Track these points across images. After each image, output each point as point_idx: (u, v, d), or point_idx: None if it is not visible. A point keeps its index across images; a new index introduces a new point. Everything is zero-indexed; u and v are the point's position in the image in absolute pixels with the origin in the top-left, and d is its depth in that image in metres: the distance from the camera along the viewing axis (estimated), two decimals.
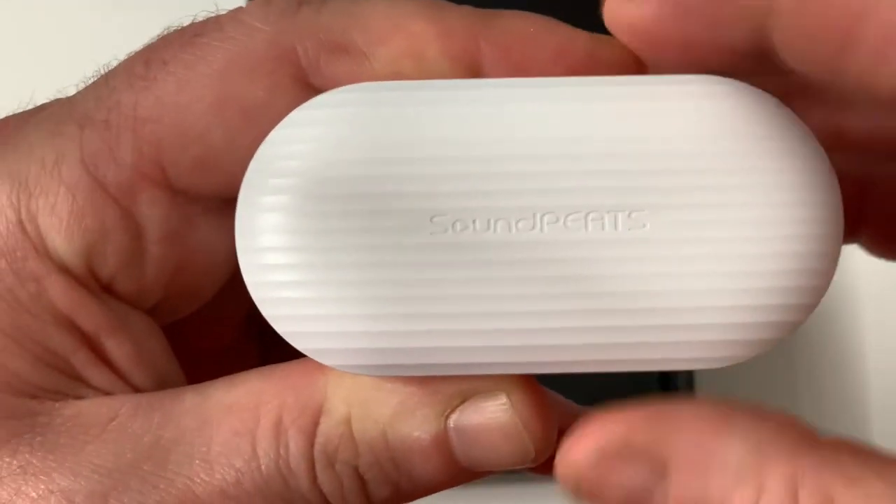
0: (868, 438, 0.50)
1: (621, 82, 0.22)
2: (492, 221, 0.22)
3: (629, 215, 0.22)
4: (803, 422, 0.22)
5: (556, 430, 0.24)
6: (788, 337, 0.23)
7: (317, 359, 0.23)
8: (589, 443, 0.22)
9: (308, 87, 0.24)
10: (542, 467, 0.31)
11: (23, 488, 0.23)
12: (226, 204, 0.25)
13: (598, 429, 0.22)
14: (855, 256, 0.30)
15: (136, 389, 0.25)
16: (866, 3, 0.20)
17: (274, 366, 0.25)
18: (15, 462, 0.24)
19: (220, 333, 0.29)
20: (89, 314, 0.24)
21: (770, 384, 0.46)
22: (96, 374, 0.25)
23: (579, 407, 0.27)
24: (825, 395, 0.21)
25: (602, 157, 0.22)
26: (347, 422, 0.24)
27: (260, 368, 0.25)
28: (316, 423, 0.24)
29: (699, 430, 0.22)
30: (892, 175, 0.29)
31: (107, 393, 0.25)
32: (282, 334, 0.23)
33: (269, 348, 0.29)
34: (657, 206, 0.22)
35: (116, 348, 0.25)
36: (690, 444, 0.22)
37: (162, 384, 0.26)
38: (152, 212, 0.25)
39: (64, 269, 0.24)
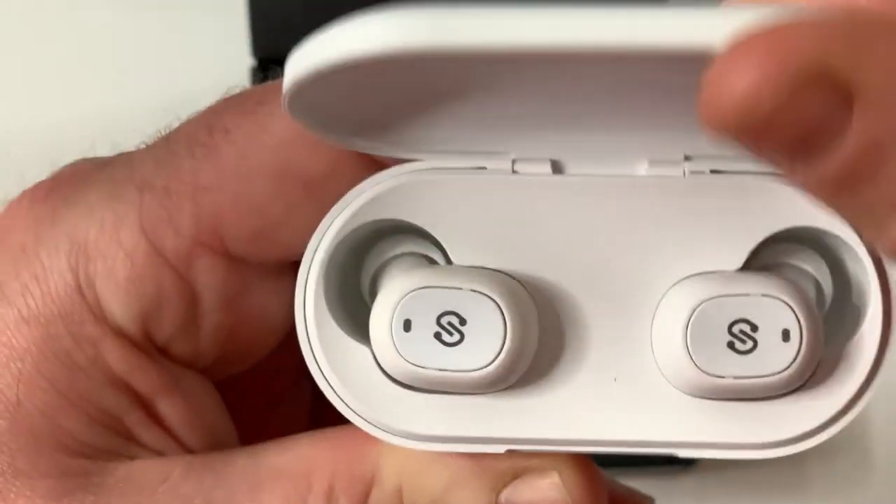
0: (868, 435, 0.49)
1: None
2: None
3: None
4: None
5: None
6: None
7: None
8: (770, 63, 0.16)
9: (371, 161, 0.24)
10: None
11: None
12: (283, 267, 0.25)
13: (777, 45, 0.16)
14: None
15: (189, 450, 0.25)
16: None
17: (324, 431, 0.25)
18: None
19: (273, 388, 0.29)
20: (144, 376, 0.25)
21: None
22: (149, 435, 0.25)
23: (639, 493, 0.27)
24: None
25: None
26: (399, 493, 0.24)
27: (310, 433, 0.25)
28: (367, 493, 0.24)
29: None
30: None
31: (159, 453, 0.25)
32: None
33: (319, 404, 0.29)
34: None
35: (170, 409, 0.25)
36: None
37: (214, 442, 0.26)
38: (209, 279, 0.25)
39: (120, 333, 0.24)
